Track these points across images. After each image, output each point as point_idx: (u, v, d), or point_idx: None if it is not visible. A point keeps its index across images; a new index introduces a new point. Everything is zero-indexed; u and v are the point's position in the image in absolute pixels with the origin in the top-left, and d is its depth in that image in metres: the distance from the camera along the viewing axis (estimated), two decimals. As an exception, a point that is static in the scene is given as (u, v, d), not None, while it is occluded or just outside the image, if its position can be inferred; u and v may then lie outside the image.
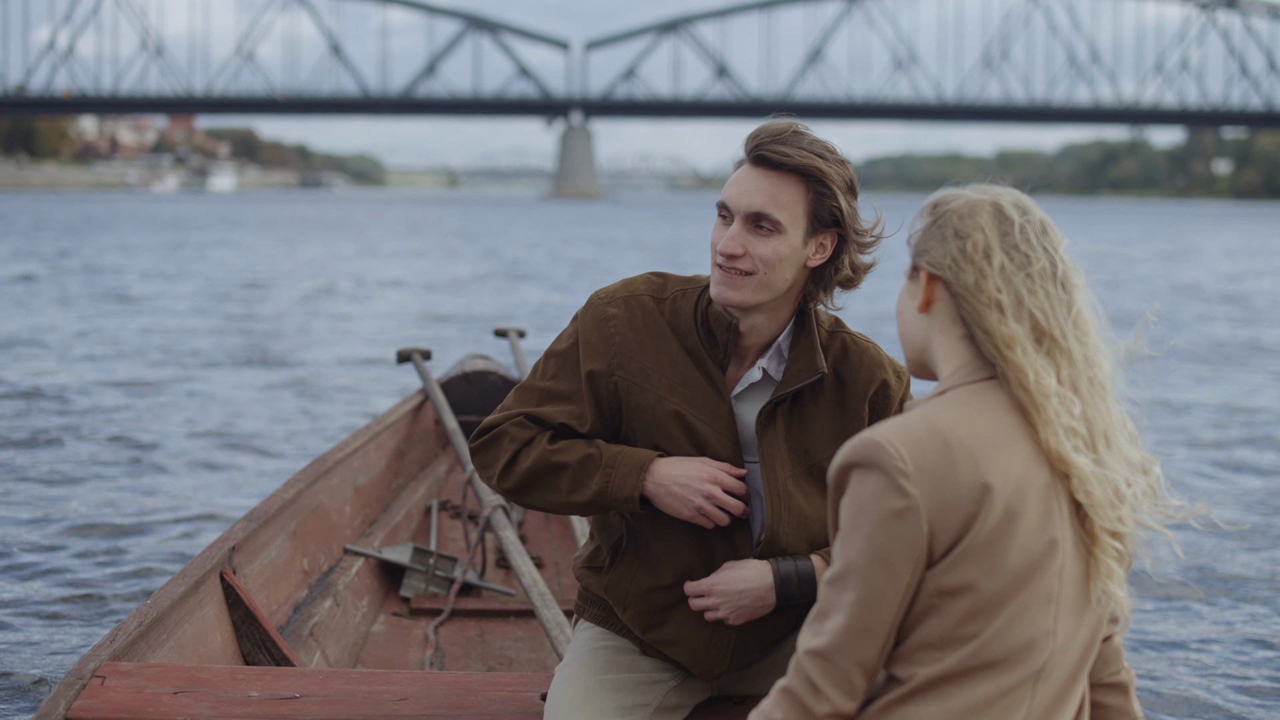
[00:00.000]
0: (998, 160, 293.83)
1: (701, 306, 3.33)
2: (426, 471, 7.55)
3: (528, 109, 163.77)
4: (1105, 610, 2.49)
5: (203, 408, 14.37)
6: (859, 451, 2.40)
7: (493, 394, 8.06)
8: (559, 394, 3.34)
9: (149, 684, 3.47)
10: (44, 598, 7.50)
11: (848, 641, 2.38)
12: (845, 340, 3.38)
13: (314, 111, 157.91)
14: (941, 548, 2.37)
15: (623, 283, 3.40)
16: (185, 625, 4.13)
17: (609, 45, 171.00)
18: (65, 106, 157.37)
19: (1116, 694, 2.70)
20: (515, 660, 5.42)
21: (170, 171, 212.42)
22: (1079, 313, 2.48)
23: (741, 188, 3.18)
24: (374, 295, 30.69)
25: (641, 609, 3.37)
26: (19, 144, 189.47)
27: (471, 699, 3.53)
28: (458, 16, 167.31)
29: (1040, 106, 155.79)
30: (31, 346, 19.47)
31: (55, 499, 9.94)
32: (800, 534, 3.28)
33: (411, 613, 5.89)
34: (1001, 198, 2.54)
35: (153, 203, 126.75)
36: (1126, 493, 2.46)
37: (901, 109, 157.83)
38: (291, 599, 5.17)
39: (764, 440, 3.30)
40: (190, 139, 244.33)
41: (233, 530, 4.82)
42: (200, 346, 20.09)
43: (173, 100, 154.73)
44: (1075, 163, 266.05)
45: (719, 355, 3.30)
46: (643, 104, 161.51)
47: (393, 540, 6.46)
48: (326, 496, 5.91)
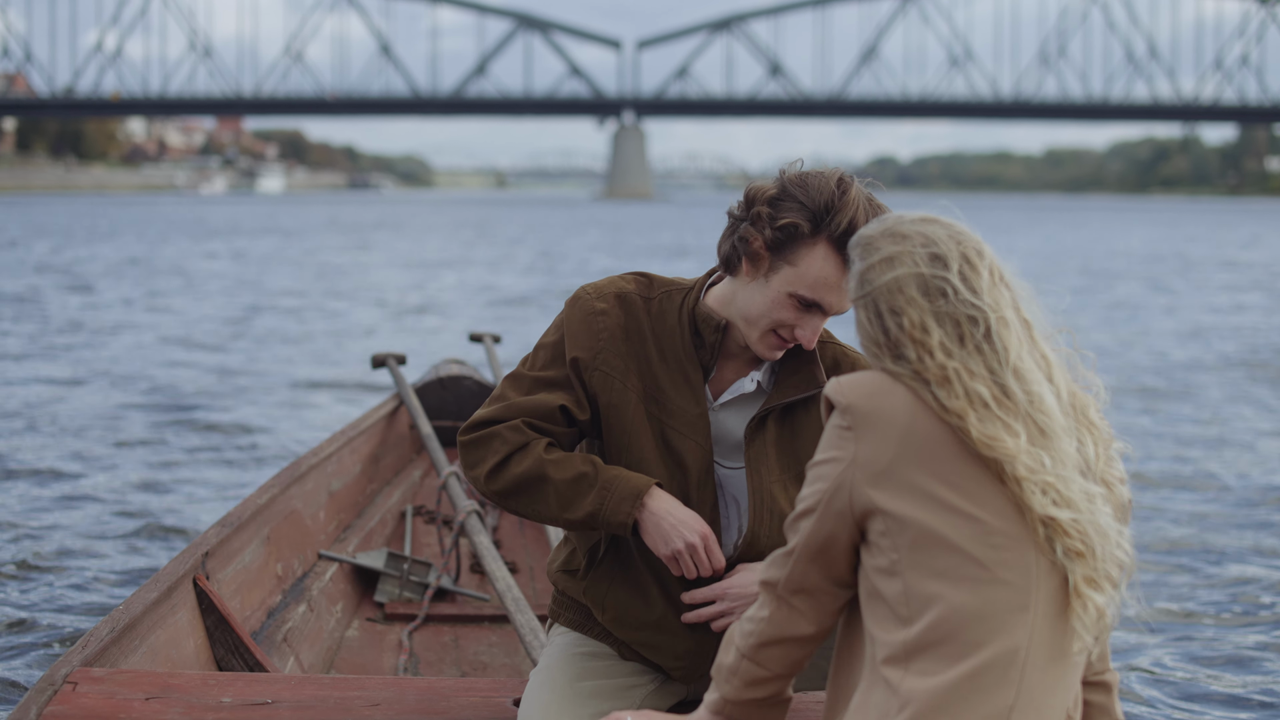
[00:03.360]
0: (1047, 159, 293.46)
1: (688, 308, 3.38)
2: (401, 476, 7.55)
3: (579, 108, 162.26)
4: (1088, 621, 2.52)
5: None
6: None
7: (468, 399, 8.08)
8: (552, 381, 3.37)
9: (121, 690, 3.47)
10: (15, 603, 7.51)
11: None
12: (836, 352, 3.45)
13: (363, 112, 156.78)
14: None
15: (609, 280, 3.44)
16: (158, 631, 4.11)
17: (661, 44, 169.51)
18: (113, 108, 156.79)
19: (1100, 692, 2.74)
20: (489, 665, 5.42)
21: (218, 173, 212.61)
22: (1017, 360, 2.53)
23: (843, 295, 3.21)
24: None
25: (621, 611, 3.40)
26: (67, 146, 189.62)
27: (444, 704, 3.52)
28: (509, 15, 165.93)
29: (1097, 104, 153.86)
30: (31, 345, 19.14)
31: (28, 501, 10.04)
32: (781, 537, 3.23)
33: (386, 618, 5.88)
34: (920, 255, 2.57)
35: (202, 205, 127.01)
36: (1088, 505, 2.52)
37: (957, 106, 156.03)
38: (265, 604, 5.19)
39: (752, 445, 3.36)
40: (238, 141, 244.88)
41: (206, 536, 4.79)
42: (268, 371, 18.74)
43: (221, 101, 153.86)
44: (1125, 160, 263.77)
45: (706, 356, 3.36)
46: (696, 103, 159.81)
47: (367, 545, 6.45)
48: (300, 501, 5.89)
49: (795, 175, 3.25)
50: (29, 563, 8.31)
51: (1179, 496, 11.05)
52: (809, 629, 2.64)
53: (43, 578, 8.05)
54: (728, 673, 2.70)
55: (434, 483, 7.40)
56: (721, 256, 3.35)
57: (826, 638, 2.69)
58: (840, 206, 3.15)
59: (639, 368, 3.34)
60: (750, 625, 2.67)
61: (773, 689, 2.70)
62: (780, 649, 2.65)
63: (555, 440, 3.36)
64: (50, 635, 6.97)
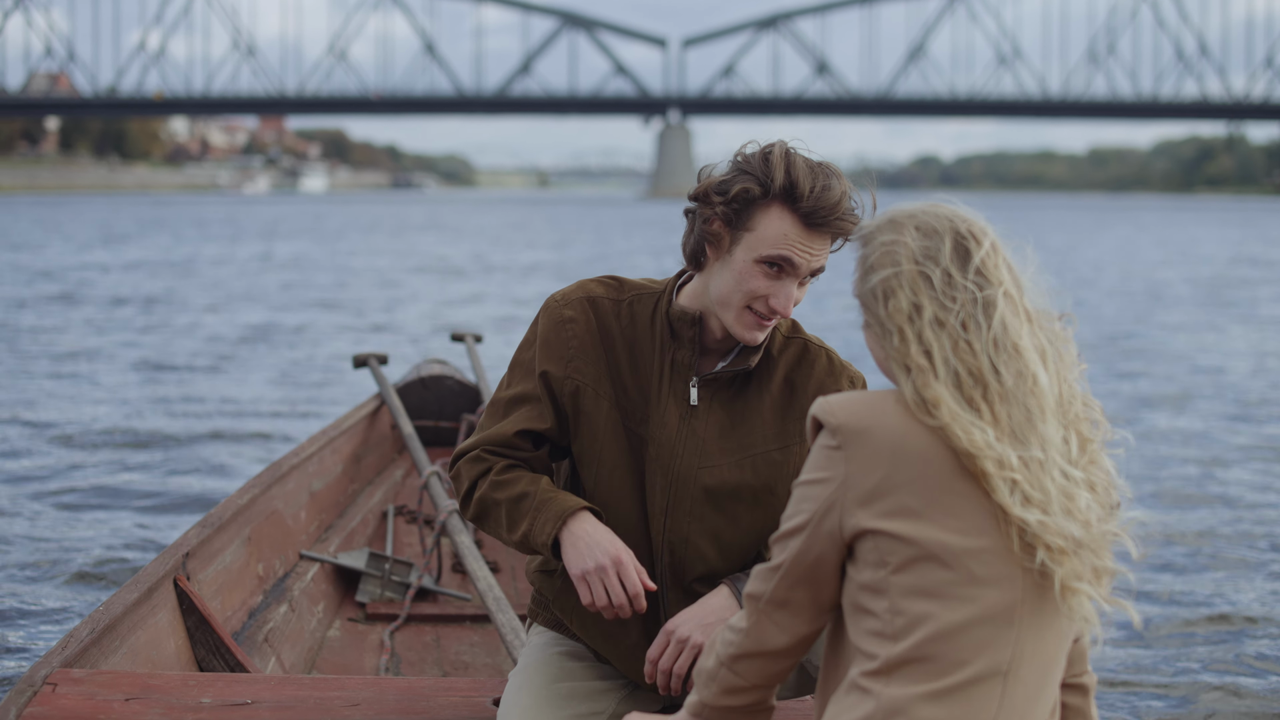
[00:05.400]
0: (1090, 158, 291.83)
1: (661, 311, 3.38)
2: (383, 476, 7.51)
3: (624, 107, 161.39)
4: (1075, 614, 2.52)
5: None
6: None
7: (449, 398, 8.10)
8: (521, 398, 3.39)
9: (101, 691, 3.47)
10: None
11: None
12: (802, 345, 3.43)
13: (408, 111, 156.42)
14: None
15: (578, 284, 3.43)
16: (138, 632, 4.11)
17: (707, 42, 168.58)
18: (156, 108, 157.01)
19: (1077, 695, 2.74)
20: (471, 665, 5.38)
21: (261, 173, 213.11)
22: (1015, 338, 2.52)
23: (809, 254, 3.21)
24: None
25: (588, 622, 3.41)
26: (110, 146, 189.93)
27: (424, 704, 3.53)
28: (553, 14, 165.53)
29: (1146, 102, 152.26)
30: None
31: (8, 499, 10.04)
32: (706, 528, 3.34)
33: (367, 618, 5.84)
34: (913, 238, 2.58)
35: (246, 204, 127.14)
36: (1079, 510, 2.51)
37: (1005, 105, 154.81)
38: (246, 605, 5.17)
39: (687, 424, 3.34)
40: (281, 140, 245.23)
41: (186, 536, 4.79)
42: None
43: (265, 100, 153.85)
44: (1170, 159, 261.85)
45: (686, 354, 3.34)
46: (742, 101, 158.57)
47: (349, 545, 6.40)
48: (282, 502, 5.87)
49: (736, 155, 3.29)
50: (7, 563, 8.32)
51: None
52: (788, 643, 2.63)
53: (21, 578, 8.05)
54: (707, 678, 2.70)
55: (415, 482, 7.42)
56: (687, 254, 3.33)
57: (806, 652, 2.69)
58: (779, 165, 3.18)
59: (610, 373, 3.34)
60: (731, 635, 2.67)
61: (752, 698, 2.69)
62: (758, 662, 2.65)
63: (525, 463, 3.39)
64: (29, 636, 6.95)
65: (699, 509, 3.33)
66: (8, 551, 8.58)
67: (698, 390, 3.33)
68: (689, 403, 3.34)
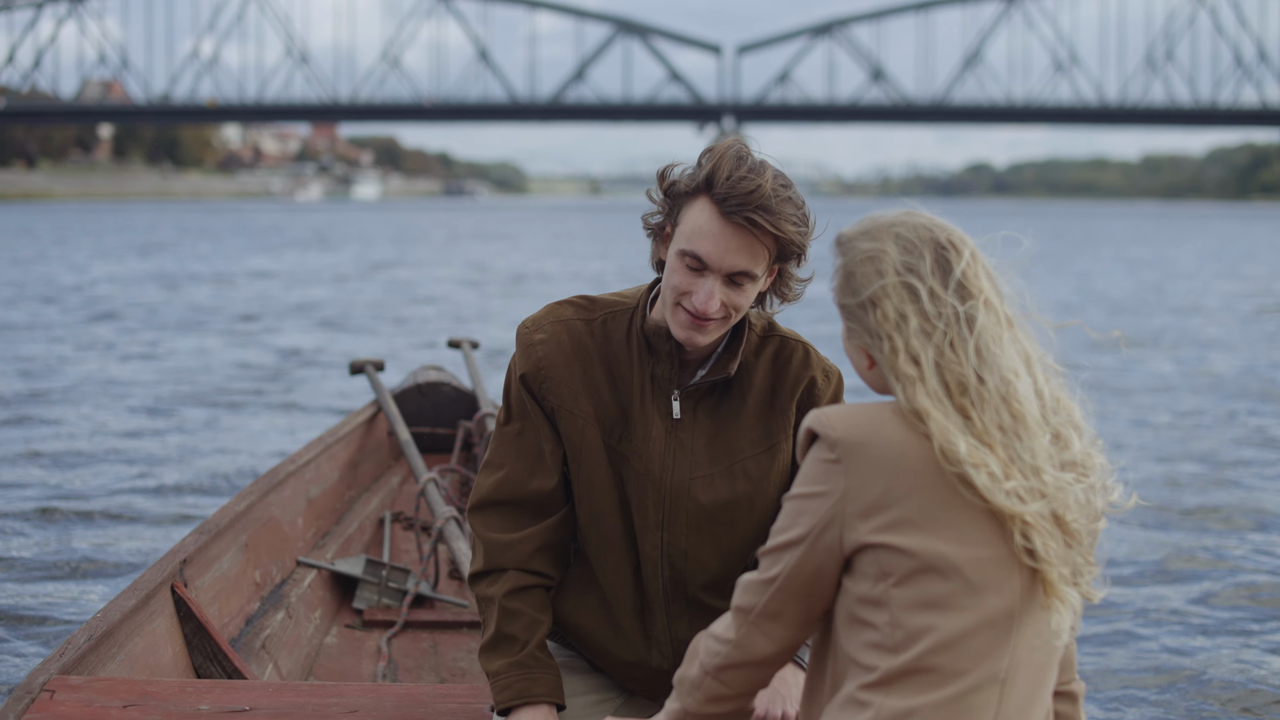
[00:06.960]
0: (1144, 165, 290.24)
1: (636, 326, 3.34)
2: (380, 483, 7.48)
3: (679, 114, 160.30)
4: (1063, 622, 2.54)
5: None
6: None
7: (446, 405, 8.07)
8: (519, 449, 3.34)
9: (98, 698, 3.48)
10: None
11: None
12: (778, 342, 3.38)
13: (461, 118, 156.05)
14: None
15: (548, 308, 3.41)
16: (136, 638, 4.12)
17: (761, 49, 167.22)
18: (209, 115, 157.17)
19: (1066, 702, 2.75)
20: (468, 672, 5.36)
21: (314, 180, 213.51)
22: (995, 347, 2.52)
23: (723, 248, 3.11)
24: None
25: (583, 632, 3.41)
26: (163, 153, 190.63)
27: (421, 711, 3.54)
28: (607, 20, 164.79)
29: (1205, 108, 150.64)
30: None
31: (5, 502, 10.09)
32: (707, 540, 3.34)
33: (364, 625, 5.84)
34: (892, 248, 2.57)
35: (301, 212, 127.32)
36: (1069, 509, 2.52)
37: (1062, 112, 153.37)
38: (243, 611, 5.16)
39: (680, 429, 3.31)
40: (333, 147, 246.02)
41: (184, 543, 4.80)
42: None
43: (318, 107, 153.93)
44: (1224, 166, 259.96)
45: (666, 367, 3.29)
46: (796, 108, 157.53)
47: (346, 552, 6.38)
48: (279, 508, 5.87)
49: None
50: (5, 570, 8.31)
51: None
52: (775, 652, 2.62)
53: (19, 585, 8.03)
54: (690, 686, 2.69)
55: (412, 489, 7.38)
56: (653, 262, 3.30)
57: (792, 658, 2.70)
58: (713, 158, 3.13)
59: (588, 391, 3.30)
60: (717, 645, 2.66)
61: (735, 705, 2.69)
62: (745, 671, 2.64)
63: (540, 575, 3.36)
64: (27, 643, 6.97)
65: (696, 521, 3.29)
66: (6, 558, 8.58)
67: (679, 403, 3.29)
68: (672, 416, 3.28)
